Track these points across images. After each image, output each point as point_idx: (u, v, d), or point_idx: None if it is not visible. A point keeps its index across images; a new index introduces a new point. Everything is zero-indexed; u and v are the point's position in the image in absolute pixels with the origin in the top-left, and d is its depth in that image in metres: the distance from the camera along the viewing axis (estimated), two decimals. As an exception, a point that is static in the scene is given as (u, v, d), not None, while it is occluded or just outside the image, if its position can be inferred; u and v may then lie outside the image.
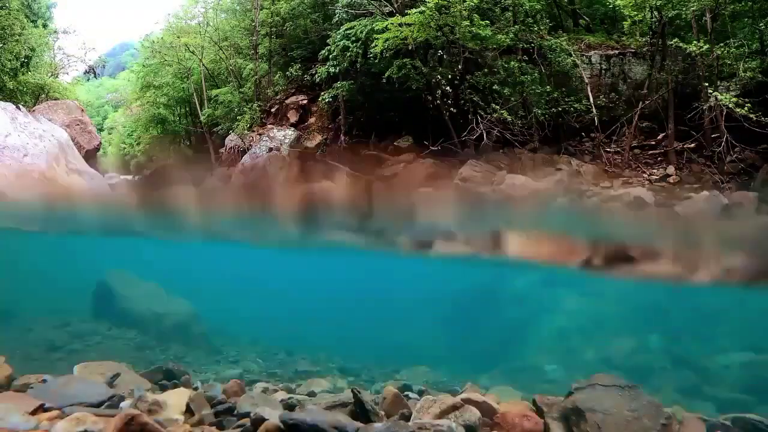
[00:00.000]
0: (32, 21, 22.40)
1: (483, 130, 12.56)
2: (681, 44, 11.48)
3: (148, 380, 4.66)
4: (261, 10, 18.80)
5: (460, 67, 13.01)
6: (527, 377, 7.62)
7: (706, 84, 11.38)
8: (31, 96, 20.98)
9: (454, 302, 11.32)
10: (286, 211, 10.61)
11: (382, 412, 3.67)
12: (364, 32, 13.90)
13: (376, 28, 13.11)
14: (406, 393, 4.80)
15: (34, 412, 3.19)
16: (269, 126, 17.21)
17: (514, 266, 10.17)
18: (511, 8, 13.72)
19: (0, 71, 19.06)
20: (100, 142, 21.46)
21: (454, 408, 3.57)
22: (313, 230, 9.92)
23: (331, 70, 14.79)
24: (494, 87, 12.85)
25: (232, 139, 17.98)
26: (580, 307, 10.18)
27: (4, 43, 19.14)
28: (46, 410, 3.27)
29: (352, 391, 3.72)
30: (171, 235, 10.77)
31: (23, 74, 20.70)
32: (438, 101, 12.84)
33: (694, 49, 11.10)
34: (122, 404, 3.59)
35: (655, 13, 12.73)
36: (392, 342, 8.77)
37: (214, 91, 20.68)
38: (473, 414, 3.59)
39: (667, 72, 12.42)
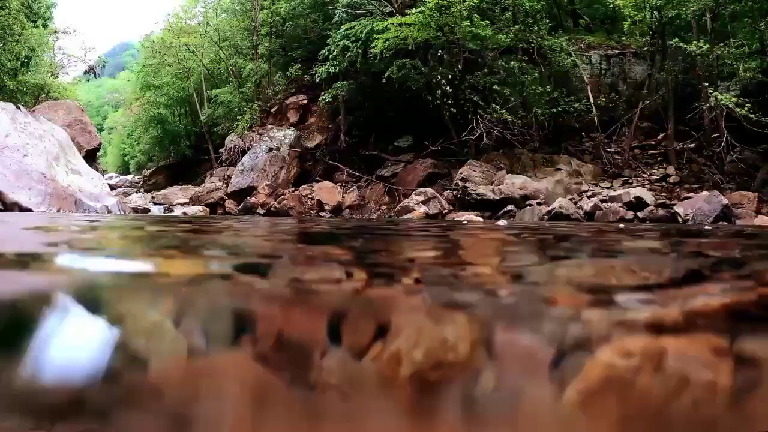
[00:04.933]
0: (32, 21, 22.41)
1: (483, 130, 12.56)
2: (681, 44, 11.47)
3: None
4: (261, 10, 18.82)
5: (460, 67, 13.01)
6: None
7: (706, 84, 11.38)
8: (31, 96, 21.03)
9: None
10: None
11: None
12: (364, 32, 13.90)
13: (376, 28, 13.11)
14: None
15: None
16: (269, 126, 17.23)
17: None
18: (511, 8, 13.73)
19: (0, 71, 19.09)
20: (100, 142, 21.49)
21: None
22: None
23: (331, 70, 14.78)
24: (494, 87, 12.85)
25: (232, 139, 18.01)
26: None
27: (4, 43, 19.18)
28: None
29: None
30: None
31: (23, 74, 20.75)
32: (438, 101, 12.84)
33: (694, 49, 11.09)
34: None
35: (655, 13, 12.73)
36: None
37: (214, 91, 20.70)
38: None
39: (667, 72, 12.42)
